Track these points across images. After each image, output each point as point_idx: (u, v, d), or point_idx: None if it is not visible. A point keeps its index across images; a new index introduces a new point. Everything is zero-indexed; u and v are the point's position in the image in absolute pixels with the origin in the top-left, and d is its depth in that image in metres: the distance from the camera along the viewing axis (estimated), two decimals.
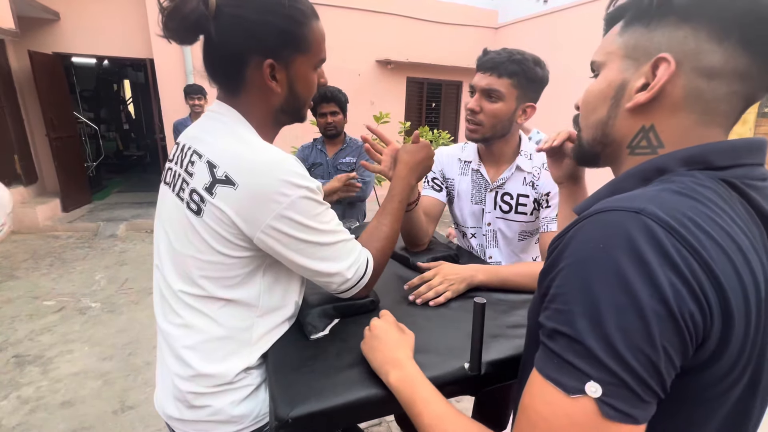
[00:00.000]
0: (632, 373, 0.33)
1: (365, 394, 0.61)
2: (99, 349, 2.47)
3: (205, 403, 0.66)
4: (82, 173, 5.54)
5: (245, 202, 0.60)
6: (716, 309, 0.34)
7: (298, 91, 0.70)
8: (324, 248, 0.67)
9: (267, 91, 0.67)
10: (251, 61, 0.64)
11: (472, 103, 1.07)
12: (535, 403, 0.38)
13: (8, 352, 2.40)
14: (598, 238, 0.37)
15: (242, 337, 0.68)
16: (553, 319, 0.38)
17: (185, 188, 0.64)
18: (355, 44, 5.87)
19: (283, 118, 0.72)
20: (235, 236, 0.62)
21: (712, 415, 0.40)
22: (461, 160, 1.23)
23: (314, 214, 0.64)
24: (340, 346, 0.72)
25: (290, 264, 0.67)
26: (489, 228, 1.19)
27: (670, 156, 0.43)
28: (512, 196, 1.14)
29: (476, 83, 1.07)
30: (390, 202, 0.84)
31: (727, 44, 0.40)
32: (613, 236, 0.36)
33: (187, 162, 0.66)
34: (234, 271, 0.64)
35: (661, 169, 0.43)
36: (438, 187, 1.24)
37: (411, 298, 0.89)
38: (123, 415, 1.95)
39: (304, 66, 0.68)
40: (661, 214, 0.35)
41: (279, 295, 0.71)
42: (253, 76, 0.65)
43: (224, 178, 0.60)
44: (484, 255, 1.23)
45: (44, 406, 1.99)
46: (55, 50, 4.91)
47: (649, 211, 0.36)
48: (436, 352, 0.70)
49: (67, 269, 3.65)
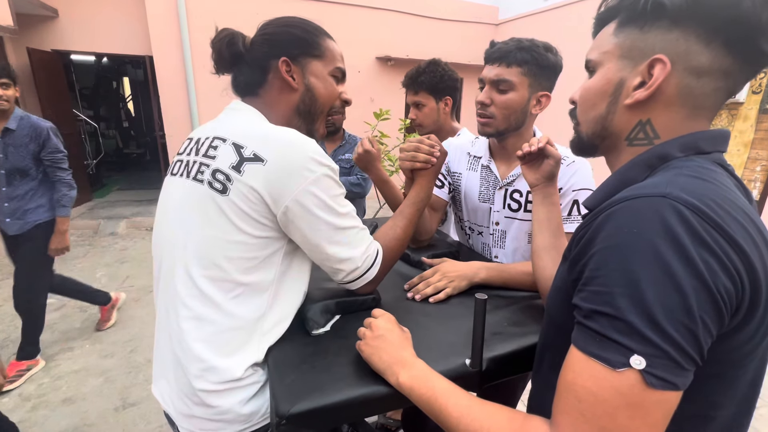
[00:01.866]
0: (674, 343, 0.36)
1: (366, 390, 0.61)
2: (100, 346, 2.48)
3: (214, 401, 0.66)
4: (82, 171, 5.52)
5: (274, 176, 0.63)
6: (746, 279, 0.38)
7: (315, 91, 0.76)
8: (339, 232, 0.69)
9: (284, 87, 0.75)
10: (272, 64, 0.74)
11: (482, 96, 1.03)
12: (580, 379, 0.40)
13: (9, 350, 2.41)
14: (631, 223, 0.39)
15: (254, 327, 0.68)
16: (590, 300, 0.41)
17: (204, 170, 0.66)
18: (355, 41, 5.84)
19: (296, 121, 0.77)
20: (260, 214, 0.64)
21: (742, 373, 0.44)
22: (471, 154, 1.19)
23: (334, 195, 0.68)
24: (341, 343, 0.72)
25: (305, 244, 0.69)
26: (497, 228, 1.13)
27: (670, 144, 0.48)
28: (521, 194, 1.09)
29: (485, 75, 1.03)
30: (409, 208, 0.86)
31: (714, 46, 0.45)
32: (646, 220, 0.39)
33: (206, 149, 0.69)
34: (254, 253, 0.66)
35: (663, 156, 0.48)
36: (440, 182, 1.20)
37: (409, 295, 0.89)
38: (124, 412, 1.95)
39: (318, 69, 0.76)
40: (686, 196, 0.39)
41: (289, 282, 0.73)
42: (273, 78, 0.74)
43: (252, 156, 0.64)
44: (490, 254, 1.18)
45: (46, 404, 1.99)
46: (54, 47, 4.89)
47: (675, 195, 0.39)
48: (437, 349, 0.69)
49: (68, 267, 3.64)
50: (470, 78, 6.76)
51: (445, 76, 1.46)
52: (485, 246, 1.19)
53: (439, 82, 1.44)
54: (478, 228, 1.19)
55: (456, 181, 1.21)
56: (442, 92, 1.47)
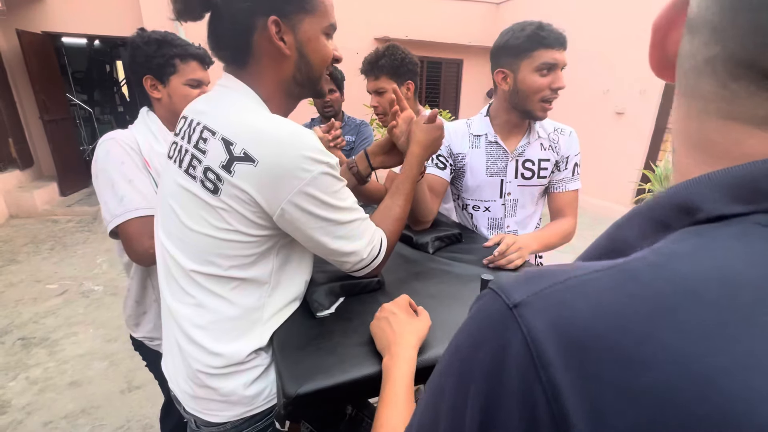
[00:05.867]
0: None
1: (372, 370, 0.61)
2: (103, 331, 2.50)
3: (216, 384, 0.66)
4: (78, 156, 5.48)
5: (266, 179, 0.58)
6: None
7: (309, 57, 0.67)
8: (342, 227, 0.66)
9: (277, 56, 0.64)
10: (257, 24, 0.62)
11: (561, 81, 1.05)
12: None
13: (14, 335, 2.43)
14: (472, 331, 0.25)
15: (254, 316, 0.67)
16: None
17: (197, 165, 0.62)
18: (352, 22, 5.70)
19: (296, 90, 0.69)
20: (255, 215, 0.61)
21: None
22: (472, 133, 1.22)
23: (333, 191, 0.63)
24: (345, 324, 0.72)
25: (307, 242, 0.66)
26: (509, 198, 1.20)
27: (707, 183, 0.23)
28: (534, 162, 1.18)
29: (559, 59, 1.03)
30: (404, 183, 0.83)
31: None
32: (478, 334, 0.24)
33: (197, 138, 0.63)
34: (250, 250, 0.64)
35: (687, 207, 0.23)
36: (442, 164, 1.22)
37: (489, 259, 0.97)
38: (130, 394, 1.99)
39: (311, 28, 0.65)
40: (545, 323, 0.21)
41: (290, 273, 0.71)
42: (261, 42, 0.63)
43: (243, 155, 0.58)
44: (501, 226, 1.23)
45: (52, 387, 2.02)
46: (44, 29, 4.77)
47: (527, 312, 0.22)
48: (442, 329, 0.69)
49: (68, 253, 3.65)
50: (471, 59, 6.63)
51: (406, 59, 1.43)
52: (493, 220, 1.23)
53: (400, 66, 1.41)
54: (484, 204, 1.23)
55: (460, 161, 1.22)
56: (404, 76, 1.43)
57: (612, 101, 4.90)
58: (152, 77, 1.04)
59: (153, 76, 1.04)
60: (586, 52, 4.90)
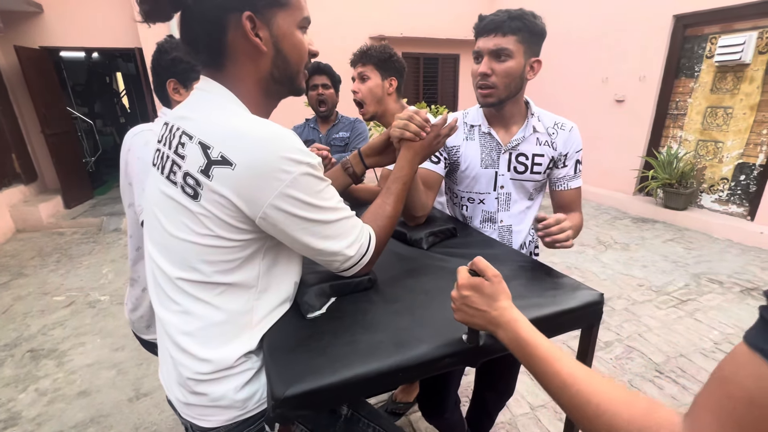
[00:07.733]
0: None
1: (362, 370, 0.60)
2: (111, 340, 2.52)
3: (206, 389, 0.66)
4: (81, 169, 5.52)
5: (245, 182, 0.57)
6: None
7: (286, 52, 0.66)
8: (326, 226, 0.65)
9: (253, 54, 0.63)
10: (230, 21, 0.60)
11: (483, 67, 1.04)
12: (738, 376, 0.34)
13: (23, 347, 2.46)
14: None
15: (242, 321, 0.67)
16: None
17: (177, 171, 0.61)
18: (346, 21, 5.69)
19: (275, 88, 0.68)
20: (236, 219, 0.60)
21: None
22: (466, 123, 1.20)
23: (316, 191, 0.62)
24: (336, 324, 0.71)
25: (292, 244, 0.65)
26: (502, 191, 1.18)
27: None
28: (527, 157, 1.15)
29: (482, 47, 1.04)
30: (395, 183, 0.83)
31: None
32: None
33: (176, 144, 0.63)
34: (234, 255, 0.63)
35: None
36: (436, 158, 1.20)
37: (541, 234, 0.92)
38: (138, 402, 2.00)
39: (286, 22, 0.64)
40: None
41: (278, 276, 0.70)
42: (236, 40, 0.62)
43: (220, 158, 0.57)
44: (495, 220, 1.21)
45: (62, 397, 2.04)
46: (41, 44, 4.81)
47: None
48: (433, 326, 0.69)
49: (74, 264, 3.68)
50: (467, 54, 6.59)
51: (394, 57, 1.45)
52: (487, 213, 1.21)
53: (387, 60, 1.43)
54: (479, 197, 1.21)
55: (454, 154, 1.21)
56: (389, 71, 1.44)
57: (611, 89, 4.84)
58: (176, 81, 1.12)
59: (177, 80, 1.12)
60: (583, 41, 4.85)
